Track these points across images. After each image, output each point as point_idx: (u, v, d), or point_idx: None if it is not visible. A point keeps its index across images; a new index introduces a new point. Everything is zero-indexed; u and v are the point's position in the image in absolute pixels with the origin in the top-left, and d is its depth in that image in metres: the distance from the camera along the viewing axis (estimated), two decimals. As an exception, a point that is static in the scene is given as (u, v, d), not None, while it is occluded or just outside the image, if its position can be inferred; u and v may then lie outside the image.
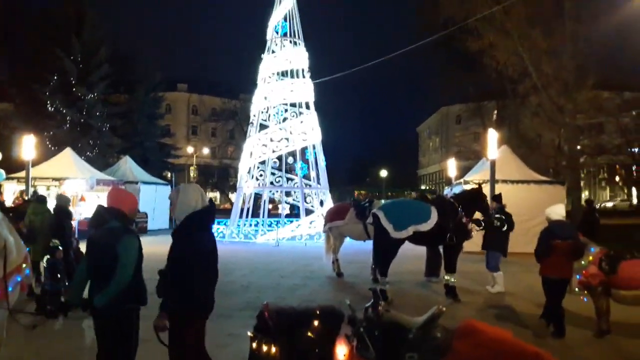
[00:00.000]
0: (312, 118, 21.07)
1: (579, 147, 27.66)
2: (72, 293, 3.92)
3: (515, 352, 2.72)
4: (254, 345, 3.05)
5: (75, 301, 3.87)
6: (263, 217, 21.90)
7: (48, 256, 7.75)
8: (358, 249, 14.44)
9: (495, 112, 37.33)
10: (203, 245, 3.84)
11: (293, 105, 20.99)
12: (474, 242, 11.79)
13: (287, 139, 20.37)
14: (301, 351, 3.01)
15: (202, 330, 3.99)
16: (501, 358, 2.68)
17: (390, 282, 8.93)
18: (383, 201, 10.47)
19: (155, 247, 5.39)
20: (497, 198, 10.02)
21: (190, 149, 45.85)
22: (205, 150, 51.07)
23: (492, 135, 14.50)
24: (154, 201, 22.09)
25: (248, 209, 21.26)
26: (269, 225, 21.25)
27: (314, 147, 21.12)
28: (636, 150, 42.45)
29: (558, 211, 6.71)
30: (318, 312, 3.13)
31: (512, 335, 2.88)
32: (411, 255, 12.39)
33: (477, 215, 9.32)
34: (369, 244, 9.90)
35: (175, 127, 52.85)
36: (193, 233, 3.81)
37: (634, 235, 17.59)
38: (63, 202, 9.33)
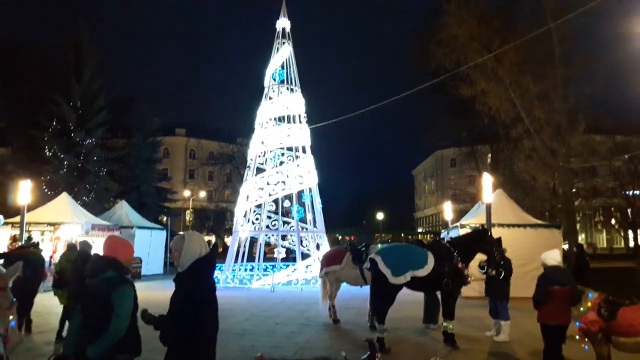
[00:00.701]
0: (308, 162, 21.26)
1: (573, 190, 27.89)
2: (67, 344, 3.84)
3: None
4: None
5: (70, 352, 3.79)
6: (259, 261, 21.71)
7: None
8: (354, 295, 14.27)
9: (490, 155, 37.80)
10: (211, 292, 3.91)
11: (290, 149, 21.23)
12: (472, 287, 11.73)
13: (283, 182, 20.47)
14: (297, 404, 2.95)
15: None
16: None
17: (387, 329, 8.79)
18: (380, 245, 10.41)
19: (150, 293, 5.34)
20: (497, 242, 9.98)
21: (187, 193, 45.89)
22: (202, 194, 51.13)
23: (487, 179, 14.63)
24: (149, 246, 21.94)
25: (244, 253, 21.10)
26: (265, 270, 21.02)
27: (310, 190, 21.21)
28: (630, 192, 42.82)
29: (554, 256, 6.70)
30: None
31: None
32: (409, 301, 12.25)
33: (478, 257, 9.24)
34: (365, 289, 9.79)
35: (173, 171, 53.03)
36: (202, 277, 3.86)
37: (624, 278, 17.54)
38: (86, 248, 9.31)
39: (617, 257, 37.75)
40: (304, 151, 21.41)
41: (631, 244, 47.38)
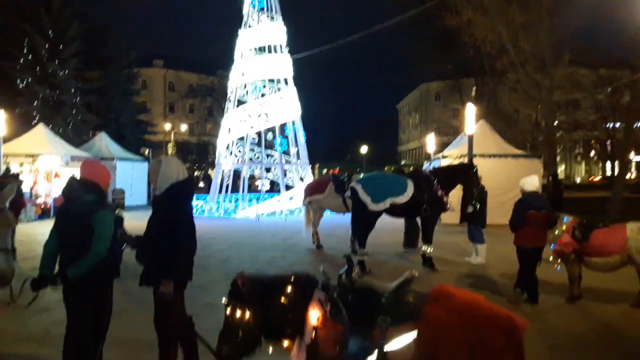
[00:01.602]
0: (291, 94, 20.88)
1: (555, 122, 28.05)
2: (44, 265, 3.83)
3: (487, 316, 2.75)
4: (228, 311, 3.03)
5: (47, 273, 3.79)
6: (243, 193, 21.78)
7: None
8: (337, 223, 14.52)
9: (474, 88, 37.53)
10: (187, 213, 3.95)
11: (271, 81, 20.76)
12: (454, 214, 11.89)
13: (265, 115, 20.18)
14: (274, 317, 3.00)
15: (182, 297, 4.08)
16: (473, 322, 2.70)
17: (368, 253, 9.01)
18: (362, 175, 10.48)
19: (135, 223, 5.30)
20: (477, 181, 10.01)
21: (167, 126, 45.14)
22: (183, 127, 50.35)
23: (470, 110, 14.54)
24: (131, 178, 21.78)
25: (227, 186, 21.13)
26: (249, 201, 21.17)
27: (293, 123, 20.99)
28: (611, 125, 43.23)
29: (532, 182, 6.79)
30: (292, 279, 3.12)
31: (484, 299, 2.91)
32: (390, 228, 12.52)
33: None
34: (348, 217, 9.95)
35: (152, 104, 51.80)
36: (178, 201, 3.86)
37: (596, 206, 18.11)
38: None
39: (594, 188, 38.78)
40: (286, 83, 20.96)
41: (608, 174, 48.48)
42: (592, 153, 54.58)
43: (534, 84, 20.39)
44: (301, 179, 21.23)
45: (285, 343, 3.04)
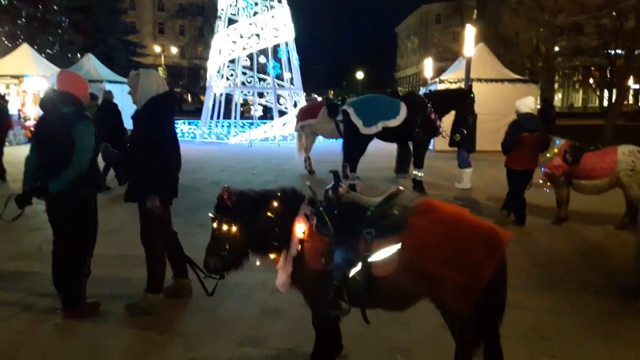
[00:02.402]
0: (284, 13, 20.05)
1: (556, 48, 27.35)
2: (25, 181, 3.79)
3: (469, 227, 2.76)
4: (215, 225, 3.03)
5: (31, 189, 3.76)
6: (235, 118, 21.50)
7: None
8: (329, 150, 14.50)
9: (476, 10, 36.21)
10: (168, 126, 3.87)
11: (264, -2, 19.85)
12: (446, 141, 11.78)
13: (257, 36, 19.49)
14: (261, 230, 3.01)
15: (169, 213, 4.08)
16: (456, 233, 2.71)
17: (359, 177, 9.05)
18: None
19: None
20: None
21: (157, 48, 43.77)
22: (174, 50, 48.85)
23: (470, 32, 14.04)
24: (121, 101, 21.32)
25: (219, 110, 20.82)
26: (242, 127, 20.96)
27: (286, 45, 20.34)
28: (612, 52, 42.25)
29: (528, 104, 6.67)
30: (278, 194, 3.10)
31: (469, 212, 2.91)
32: (382, 154, 12.54)
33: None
34: (338, 145, 9.87)
35: (141, 25, 49.90)
36: (157, 114, 3.77)
37: (590, 133, 18.09)
38: (110, 97, 9.75)
39: (590, 116, 38.61)
40: (279, 1, 20.06)
41: (605, 103, 48.12)
42: (591, 81, 53.77)
43: (538, 5, 19.65)
44: (295, 105, 20.92)
45: (272, 256, 3.08)
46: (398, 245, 2.77)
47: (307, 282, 3.02)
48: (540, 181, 6.95)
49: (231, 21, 19.94)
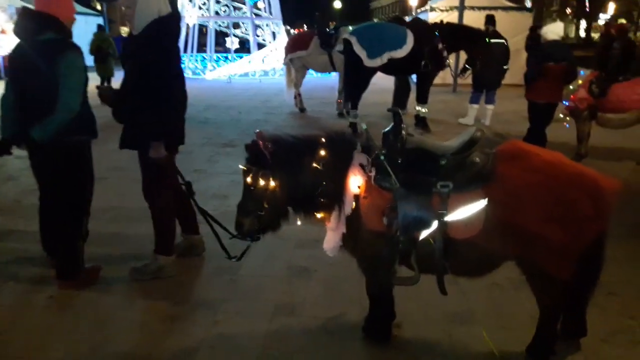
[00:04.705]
0: None
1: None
2: (3, 128, 3.07)
3: (571, 176, 2.26)
4: (249, 179, 2.43)
5: (9, 135, 3.06)
6: (210, 52, 20.13)
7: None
8: (316, 84, 13.72)
9: None
10: (175, 56, 3.14)
11: None
12: (447, 74, 11.14)
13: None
14: (306, 185, 2.44)
15: (174, 163, 3.47)
16: (556, 184, 2.22)
17: (359, 115, 8.43)
18: (351, 28, 9.38)
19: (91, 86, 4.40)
20: (490, 21, 8.97)
21: (119, -23, 40.54)
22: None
23: (465, -46, 13.12)
24: (85, 34, 19.68)
25: (193, 43, 19.45)
26: (217, 61, 19.67)
27: (263, -30, 18.83)
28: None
29: (555, 30, 6.04)
30: (324, 140, 2.50)
31: (565, 157, 2.40)
32: (376, 89, 11.85)
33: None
34: (327, 79, 9.11)
35: (98, -50, 45.96)
36: (161, 43, 3.03)
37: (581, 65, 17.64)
38: None
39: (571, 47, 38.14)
40: None
41: (582, 34, 47.74)
42: (568, 10, 52.99)
43: None
44: (273, 36, 19.68)
45: (319, 215, 2.53)
46: (484, 201, 2.26)
47: (364, 246, 2.50)
48: (561, 115, 6.48)
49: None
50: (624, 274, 3.48)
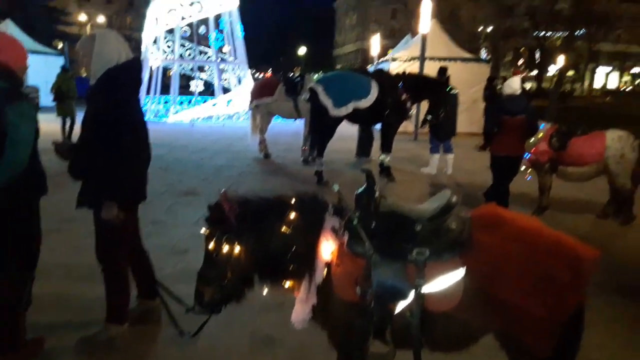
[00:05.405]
0: (227, -19, 18.70)
1: (489, 28, 27.72)
2: None
3: (550, 244, 2.18)
4: (211, 245, 2.25)
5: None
6: (174, 94, 19.95)
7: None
8: (281, 130, 13.71)
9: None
10: (134, 106, 2.96)
11: (204, -36, 18.34)
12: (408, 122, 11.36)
13: (199, 3, 18.04)
14: (274, 251, 2.27)
15: (137, 220, 3.26)
16: (535, 253, 2.13)
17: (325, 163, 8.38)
18: (316, 76, 9.48)
19: (50, 126, 4.12)
20: (442, 72, 9.36)
21: (83, 17, 40.30)
22: (101, 19, 45.28)
23: (426, 6, 13.67)
24: (46, 75, 19.21)
25: (156, 85, 19.26)
26: (181, 104, 19.48)
27: (229, 15, 19.04)
28: (542, 34, 44.00)
29: (512, 85, 6.21)
30: (294, 201, 2.36)
31: (541, 222, 2.34)
32: (340, 136, 11.91)
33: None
34: (291, 124, 9.09)
35: (63, -10, 45.87)
36: (120, 90, 2.85)
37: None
38: None
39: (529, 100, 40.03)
40: (221, -32, 18.64)
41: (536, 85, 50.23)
42: (521, 61, 56.02)
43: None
44: (239, 81, 19.76)
45: (288, 284, 2.35)
46: (462, 270, 2.15)
47: (336, 318, 2.33)
48: (523, 167, 6.59)
49: (169, -12, 18.31)
50: (598, 337, 3.41)
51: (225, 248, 2.24)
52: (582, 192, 7.21)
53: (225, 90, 19.43)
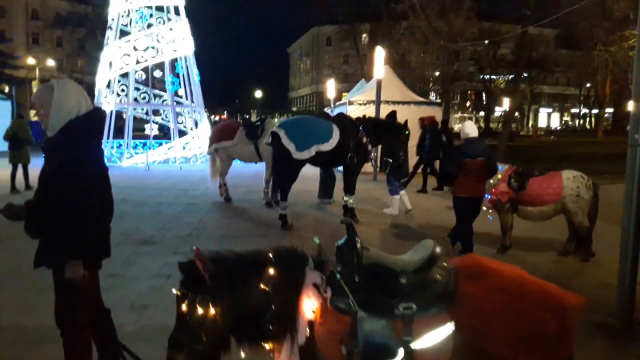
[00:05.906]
0: (182, 25, 18.77)
1: (437, 72, 29.07)
2: None
3: (535, 295, 2.15)
4: (184, 307, 2.09)
5: None
6: (127, 138, 19.47)
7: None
8: (240, 172, 13.54)
9: (366, 35, 37.58)
10: (96, 160, 2.79)
11: (160, 9, 18.39)
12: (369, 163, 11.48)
13: (154, 48, 17.95)
14: (252, 311, 2.14)
15: (97, 280, 3.04)
16: (521, 304, 2.09)
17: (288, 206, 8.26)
18: (276, 120, 9.48)
19: (1, 173, 3.88)
20: (392, 116, 9.57)
21: (31, 60, 39.26)
22: (50, 62, 44.30)
23: (379, 54, 14.13)
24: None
25: (109, 129, 18.79)
26: (134, 147, 19.03)
27: (185, 60, 19.02)
28: (487, 77, 46.44)
29: (469, 127, 6.39)
30: (271, 256, 2.25)
31: (524, 272, 2.31)
32: (302, 177, 11.85)
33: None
34: (251, 166, 8.98)
35: (12, 34, 44.76)
36: (81, 144, 2.68)
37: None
38: None
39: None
40: (177, 13, 18.74)
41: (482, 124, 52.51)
42: (468, 104, 58.61)
43: (434, 30, 20.51)
44: (195, 124, 19.57)
45: (267, 346, 2.21)
46: (451, 325, 2.07)
47: (321, 380, 2.19)
48: (484, 208, 6.71)
49: (123, 33, 18.17)
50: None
51: (200, 310, 2.08)
52: (543, 230, 7.37)
53: (182, 133, 19.17)
